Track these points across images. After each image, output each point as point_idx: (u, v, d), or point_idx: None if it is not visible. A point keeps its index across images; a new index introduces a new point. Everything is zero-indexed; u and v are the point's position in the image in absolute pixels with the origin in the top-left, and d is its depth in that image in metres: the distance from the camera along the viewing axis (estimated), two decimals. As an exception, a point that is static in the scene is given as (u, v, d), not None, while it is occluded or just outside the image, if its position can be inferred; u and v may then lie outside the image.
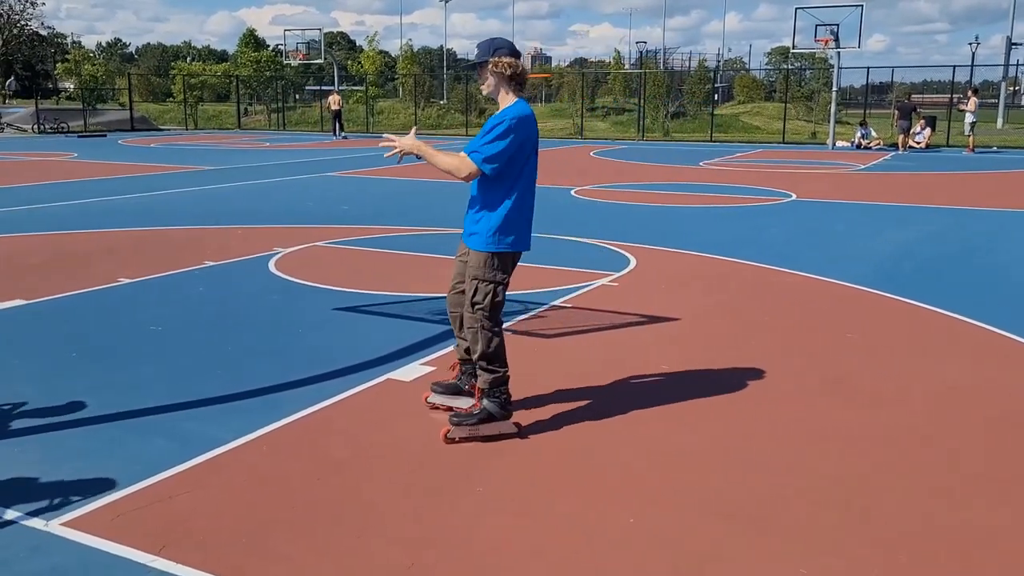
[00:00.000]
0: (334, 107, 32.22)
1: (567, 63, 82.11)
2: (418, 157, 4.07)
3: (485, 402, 4.06)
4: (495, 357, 4.03)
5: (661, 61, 55.34)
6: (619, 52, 57.86)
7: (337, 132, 32.15)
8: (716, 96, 39.51)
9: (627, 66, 55.05)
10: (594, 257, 8.64)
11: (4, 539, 3.15)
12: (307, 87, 49.68)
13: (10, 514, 3.32)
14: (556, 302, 6.72)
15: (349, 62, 47.05)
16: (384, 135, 4.14)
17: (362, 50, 47.02)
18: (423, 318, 6.22)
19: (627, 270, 8.00)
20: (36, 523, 3.25)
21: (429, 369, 5.06)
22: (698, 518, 3.33)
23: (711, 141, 31.61)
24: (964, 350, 5.61)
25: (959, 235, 10.33)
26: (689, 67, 48.32)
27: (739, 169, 20.04)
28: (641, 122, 34.89)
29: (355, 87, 42.22)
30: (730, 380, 4.96)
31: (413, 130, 4.22)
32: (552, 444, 4.03)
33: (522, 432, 4.12)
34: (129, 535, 3.17)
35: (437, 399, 4.40)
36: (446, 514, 3.37)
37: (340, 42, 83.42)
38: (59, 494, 3.48)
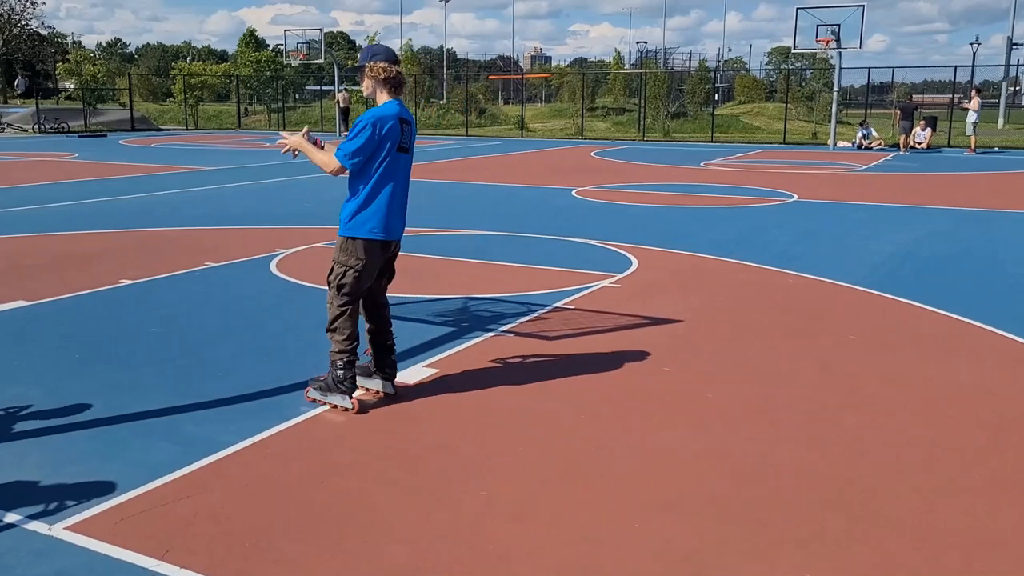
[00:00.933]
0: (342, 104, 32.50)
1: (567, 63, 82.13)
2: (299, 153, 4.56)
3: (328, 372, 4.49)
4: (336, 329, 4.45)
5: (661, 61, 55.36)
6: (619, 52, 57.92)
7: (341, 131, 32.30)
8: (716, 96, 39.52)
9: (627, 66, 55.06)
10: (596, 258, 8.64)
11: (8, 543, 3.14)
12: (307, 87, 49.67)
13: (12, 517, 3.32)
14: (558, 304, 6.71)
15: (349, 61, 46.99)
16: (279, 133, 4.68)
17: (361, 49, 46.98)
18: (425, 320, 6.21)
19: (629, 271, 7.99)
20: (39, 527, 3.25)
21: (432, 371, 5.05)
22: (702, 521, 3.32)
23: (712, 141, 31.61)
24: (965, 351, 5.60)
25: (960, 236, 10.32)
26: (689, 67, 48.37)
27: (740, 169, 20.03)
28: (642, 122, 34.89)
29: (354, 87, 42.13)
30: (733, 383, 4.96)
31: (305, 128, 4.63)
32: (555, 447, 4.03)
33: (363, 409, 4.42)
34: (133, 539, 3.16)
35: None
36: (450, 517, 3.36)
37: (340, 42, 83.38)
38: (62, 497, 3.48)
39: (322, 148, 4.52)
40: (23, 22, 50.59)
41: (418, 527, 3.28)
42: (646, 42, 55.64)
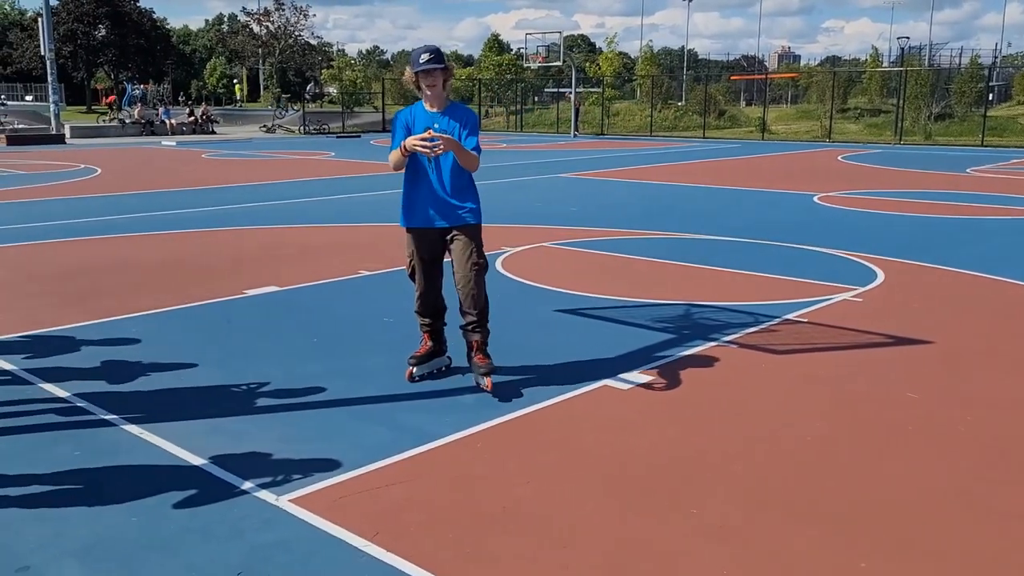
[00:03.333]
0: (576, 104, 35.69)
1: (817, 62, 77.92)
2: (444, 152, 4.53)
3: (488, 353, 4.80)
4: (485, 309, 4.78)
5: (926, 58, 50.92)
6: (876, 49, 54.02)
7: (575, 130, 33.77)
8: (991, 96, 35.68)
9: (885, 64, 51.20)
10: (835, 269, 8.01)
11: (242, 509, 3.38)
12: (545, 89, 50.82)
13: (248, 485, 3.57)
14: (789, 316, 6.28)
15: (587, 64, 47.51)
16: (432, 131, 4.44)
17: (601, 52, 47.31)
18: (645, 325, 6.04)
19: (873, 285, 7.34)
20: (268, 496, 3.47)
21: (647, 378, 4.88)
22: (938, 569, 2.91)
23: (982, 145, 28.58)
24: None
25: None
26: (959, 64, 44.08)
27: (1014, 177, 17.91)
28: (899, 124, 32.26)
29: (592, 89, 42.54)
30: (986, 416, 4.36)
31: (436, 126, 4.57)
32: (776, 472, 3.72)
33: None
34: (348, 518, 3.29)
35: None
36: (654, 533, 3.19)
37: (580, 44, 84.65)
38: (289, 471, 3.70)
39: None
40: (296, 33, 55.87)
41: (622, 542, 3.15)
42: (908, 38, 51.26)
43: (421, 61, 4.45)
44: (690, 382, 4.87)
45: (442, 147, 4.35)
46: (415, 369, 4.88)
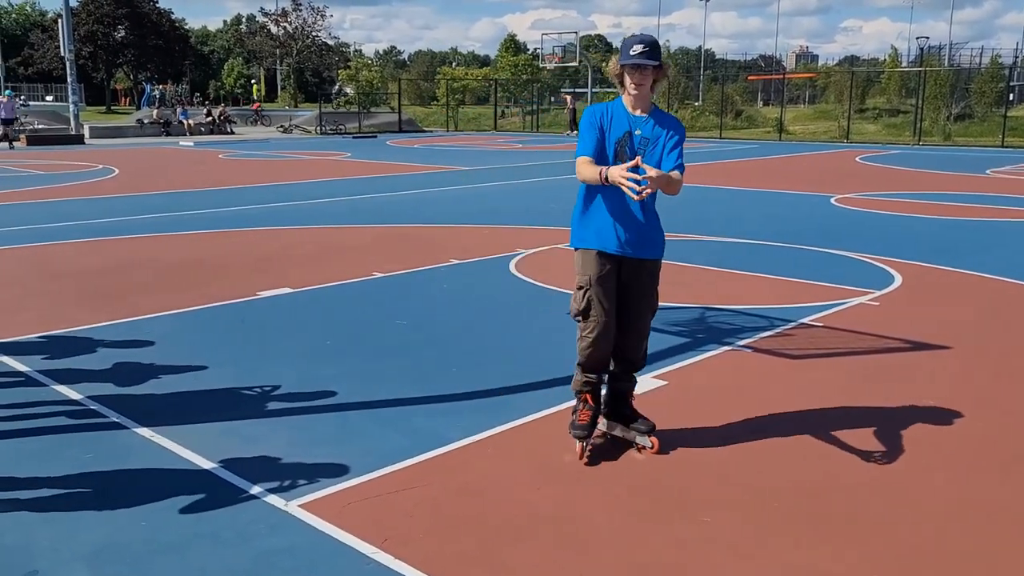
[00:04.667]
0: (570, 105, 36.93)
1: (835, 62, 77.39)
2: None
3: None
4: None
5: (945, 58, 50.46)
6: (895, 49, 53.55)
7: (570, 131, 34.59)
8: (1011, 96, 35.32)
9: (904, 64, 50.78)
10: (853, 272, 7.93)
11: (250, 514, 3.37)
12: (562, 89, 50.73)
13: (256, 489, 3.56)
14: (805, 320, 6.22)
15: (604, 64, 47.41)
16: (640, 161, 3.50)
17: (616, 51, 47.24)
18: (659, 328, 5.97)
19: (890, 288, 7.25)
20: (277, 501, 3.46)
21: (661, 383, 4.84)
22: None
23: (1002, 146, 28.27)
24: None
25: None
26: (980, 64, 43.65)
27: (1033, 178, 17.69)
28: (918, 125, 31.95)
29: (608, 89, 42.39)
30: (1002, 421, 4.29)
31: (637, 160, 3.55)
32: (787, 480, 3.68)
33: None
34: (357, 524, 3.27)
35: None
36: (667, 540, 3.15)
37: (597, 44, 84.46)
38: (299, 476, 3.69)
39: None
40: (313, 34, 56.14)
41: (636, 549, 3.11)
42: (927, 37, 50.88)
43: (632, 53, 3.67)
44: (704, 386, 4.83)
45: (651, 189, 3.43)
46: (587, 443, 3.88)
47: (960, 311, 6.60)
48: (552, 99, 50.07)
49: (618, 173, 3.48)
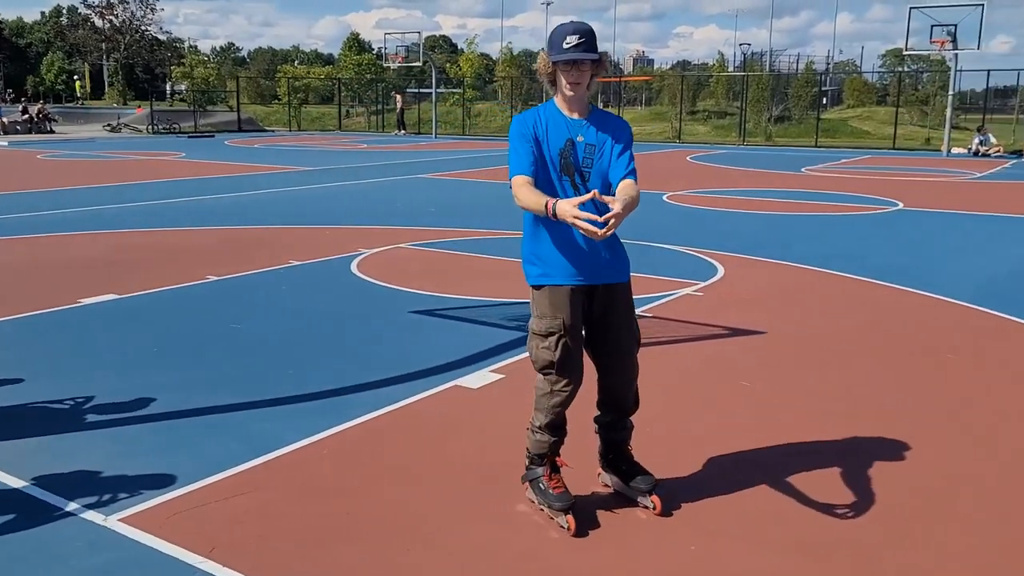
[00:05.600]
0: (399, 105, 37.65)
1: (669, 66, 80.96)
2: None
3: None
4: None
5: (766, 63, 53.90)
6: (723, 54, 56.72)
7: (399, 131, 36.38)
8: (824, 100, 38.18)
9: (731, 69, 53.87)
10: (681, 265, 8.38)
11: (65, 532, 3.19)
12: (408, 89, 50.53)
13: (72, 506, 3.37)
14: (637, 311, 6.50)
15: (448, 65, 47.61)
16: (598, 194, 2.95)
17: (462, 53, 47.54)
18: (498, 324, 6.12)
19: (714, 279, 7.71)
20: (95, 517, 3.29)
21: (498, 376, 4.95)
22: (764, 551, 3.10)
23: (816, 146, 30.52)
24: (1081, 377, 5.13)
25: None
26: (796, 69, 46.92)
27: (844, 176, 19.23)
28: (743, 126, 34.02)
29: (454, 90, 42.67)
30: (814, 400, 4.67)
31: (593, 192, 2.97)
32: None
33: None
34: (182, 535, 3.16)
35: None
36: (500, 537, 3.24)
37: (442, 45, 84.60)
38: (121, 489, 3.52)
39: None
40: (143, 28, 53.25)
41: (466, 546, 3.18)
42: (750, 44, 54.25)
43: (566, 46, 3.04)
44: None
45: (615, 226, 2.87)
46: (571, 511, 3.24)
47: (775, 299, 7.10)
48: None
49: (571, 212, 2.86)
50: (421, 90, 45.60)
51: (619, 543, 3.17)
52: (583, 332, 3.25)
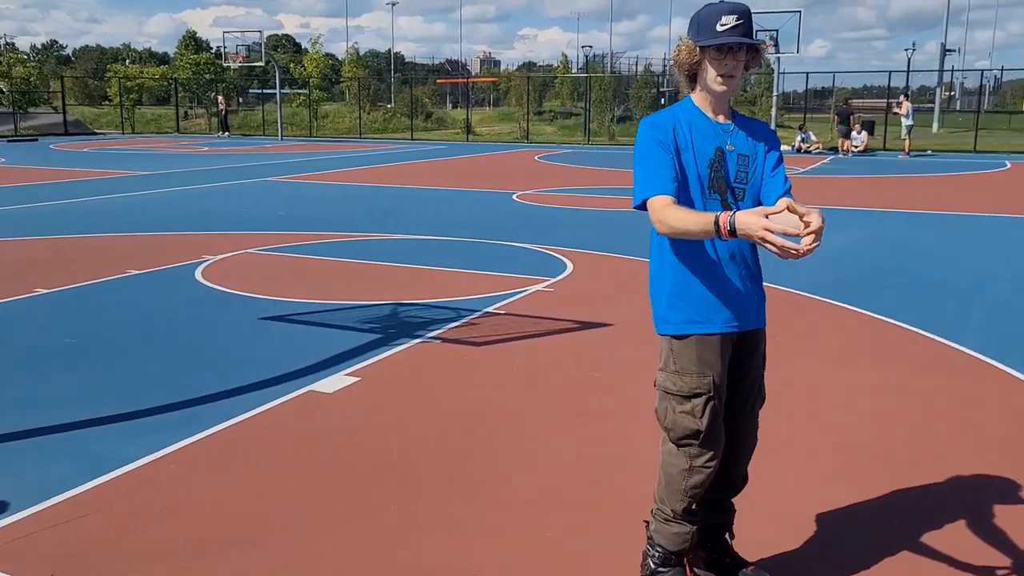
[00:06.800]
0: (221, 106, 36.43)
1: (515, 67, 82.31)
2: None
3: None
4: None
5: (608, 65, 55.75)
6: (566, 56, 58.23)
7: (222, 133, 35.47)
8: (663, 100, 39.89)
9: (574, 70, 55.37)
10: (531, 262, 8.58)
11: None
12: (250, 90, 48.91)
13: None
14: (489, 308, 6.63)
15: (292, 65, 46.44)
16: (792, 204, 2.27)
17: (306, 52, 46.46)
18: (351, 327, 6.08)
19: (563, 275, 7.95)
20: (-82, 553, 3.05)
21: (353, 380, 4.92)
22: (614, 522, 3.26)
23: (656, 145, 31.81)
24: (897, 354, 5.66)
25: (895, 238, 10.50)
26: (636, 71, 48.78)
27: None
28: (587, 126, 35.08)
29: (299, 90, 41.68)
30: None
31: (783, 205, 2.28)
32: (478, 454, 3.94)
33: None
34: (19, 563, 2.99)
35: None
36: (370, 533, 3.24)
37: (285, 44, 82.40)
38: (-54, 521, 3.28)
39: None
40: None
41: (336, 549, 3.16)
42: (592, 46, 55.90)
43: (720, 28, 2.44)
44: (395, 379, 4.99)
45: (816, 243, 2.22)
46: None
47: (620, 293, 7.41)
48: (240, 100, 48.02)
49: (759, 224, 2.21)
50: (265, 91, 44.30)
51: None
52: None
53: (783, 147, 27.75)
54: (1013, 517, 3.36)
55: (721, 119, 2.59)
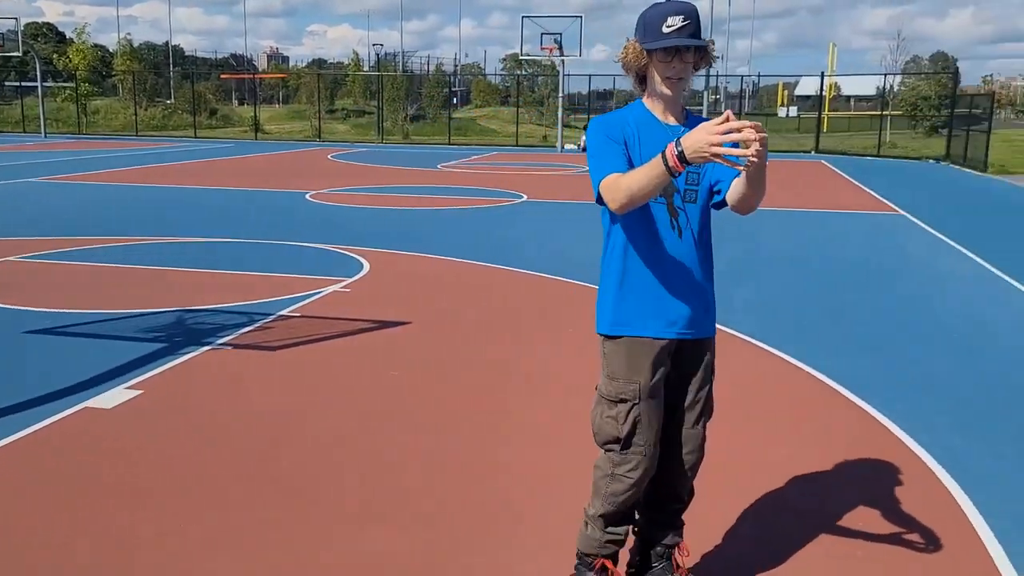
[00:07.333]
0: None
1: (304, 64, 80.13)
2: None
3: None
4: None
5: (400, 64, 55.62)
6: (357, 54, 57.40)
7: None
8: (455, 100, 40.43)
9: (366, 68, 54.76)
10: (327, 263, 8.44)
11: None
12: (7, 83, 44.43)
13: None
14: (283, 312, 6.46)
15: (56, 56, 42.65)
16: (732, 116, 2.17)
17: (72, 43, 42.73)
18: (132, 337, 5.70)
19: (360, 275, 7.88)
20: None
21: (134, 393, 4.63)
22: (406, 525, 3.30)
23: (450, 144, 32.26)
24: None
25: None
26: (428, 71, 49.06)
27: (476, 171, 20.60)
28: (381, 124, 34.86)
29: (64, 84, 38.35)
30: (457, 382, 5.02)
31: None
32: (268, 464, 3.83)
33: None
34: None
35: None
36: (166, 551, 3.07)
37: (48, 34, 75.36)
38: None
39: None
40: None
41: (121, 569, 2.97)
42: (383, 45, 55.59)
43: (666, 29, 2.37)
44: (181, 390, 4.74)
45: (761, 149, 2.14)
46: None
47: (418, 290, 7.45)
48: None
49: (707, 141, 2.11)
50: (24, 83, 40.45)
51: None
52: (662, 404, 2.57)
53: (568, 146, 29.06)
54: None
55: (672, 121, 2.50)
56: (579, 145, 28.83)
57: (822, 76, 32.36)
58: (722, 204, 2.49)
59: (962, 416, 4.53)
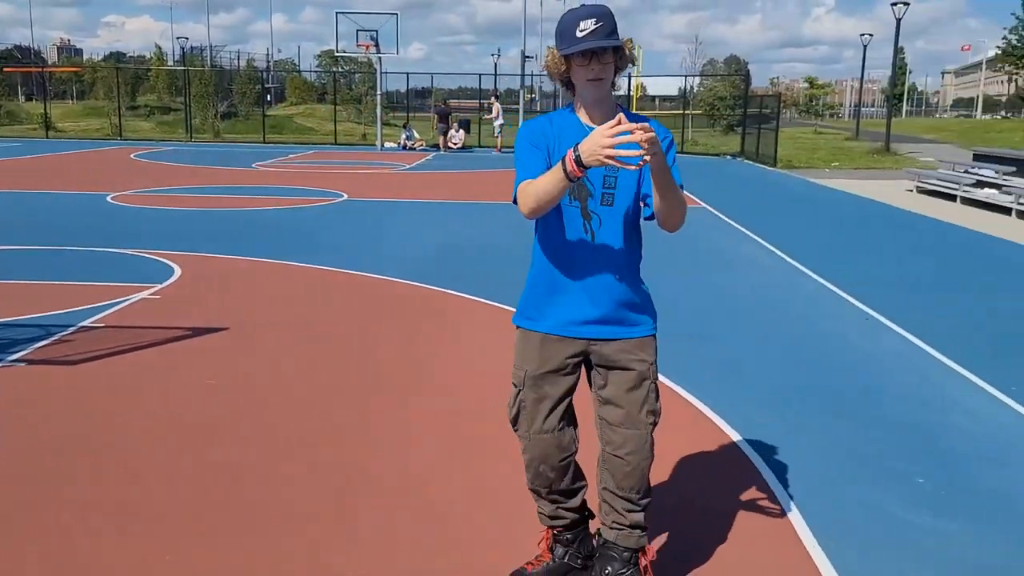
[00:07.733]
0: None
1: (101, 57, 74.78)
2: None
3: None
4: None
5: (208, 59, 53.06)
6: (160, 47, 54.20)
7: None
8: (269, 97, 39.10)
9: (171, 62, 51.83)
10: (134, 269, 7.95)
11: None
12: None
13: None
14: (85, 322, 6.03)
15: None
16: (624, 120, 2.25)
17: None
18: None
19: (171, 280, 7.49)
20: None
21: (-88, 419, 4.18)
22: (246, 530, 3.19)
23: (265, 142, 31.18)
24: (478, 325, 6.22)
25: (491, 228, 11.47)
26: (238, 66, 47.13)
27: (293, 170, 20.04)
28: (189, 122, 33.15)
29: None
30: (277, 389, 4.89)
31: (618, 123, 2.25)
32: (77, 490, 3.58)
33: None
34: None
35: None
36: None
37: None
38: None
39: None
40: None
41: None
42: (188, 38, 52.56)
43: (580, 33, 2.40)
44: (-30, 413, 4.33)
45: (651, 147, 2.19)
46: None
47: (235, 294, 7.17)
48: None
49: (601, 145, 2.18)
50: None
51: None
52: (562, 402, 2.66)
53: (388, 144, 28.88)
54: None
55: (599, 124, 2.37)
56: (398, 143, 28.72)
57: (629, 77, 33.97)
58: (652, 217, 2.54)
59: (760, 394, 4.93)
